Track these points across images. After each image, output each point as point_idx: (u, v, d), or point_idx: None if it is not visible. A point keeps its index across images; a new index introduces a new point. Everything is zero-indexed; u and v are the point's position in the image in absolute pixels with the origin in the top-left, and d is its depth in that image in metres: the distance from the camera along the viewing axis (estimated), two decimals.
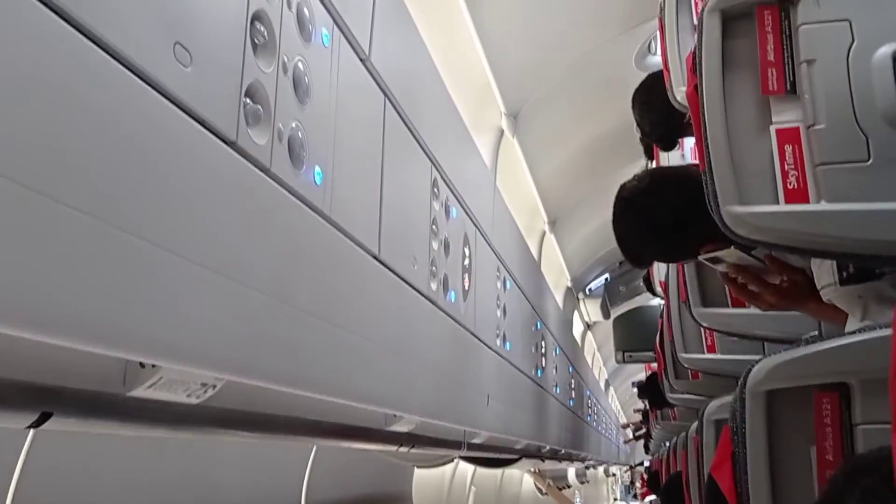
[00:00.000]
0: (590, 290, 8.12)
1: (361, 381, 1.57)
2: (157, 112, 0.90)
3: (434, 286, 2.20)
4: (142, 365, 0.91)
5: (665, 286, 3.91)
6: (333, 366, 1.39)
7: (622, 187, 1.65)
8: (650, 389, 5.28)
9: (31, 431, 1.22)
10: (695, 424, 2.73)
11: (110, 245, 0.82)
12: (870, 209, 1.23)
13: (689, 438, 3.15)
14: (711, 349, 3.33)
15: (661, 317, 4.24)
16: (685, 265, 2.70)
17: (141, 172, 0.87)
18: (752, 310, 2.61)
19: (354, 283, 1.54)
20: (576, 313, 8.44)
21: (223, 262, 1.04)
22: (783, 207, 1.30)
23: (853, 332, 1.26)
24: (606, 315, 8.58)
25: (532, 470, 4.79)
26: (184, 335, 0.94)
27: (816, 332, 1.81)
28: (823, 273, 1.48)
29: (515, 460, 4.16)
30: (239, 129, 1.05)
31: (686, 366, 3.56)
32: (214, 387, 1.04)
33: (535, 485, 4.29)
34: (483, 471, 6.17)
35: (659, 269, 4.56)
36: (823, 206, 1.27)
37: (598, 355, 11.57)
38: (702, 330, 3.45)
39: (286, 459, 2.68)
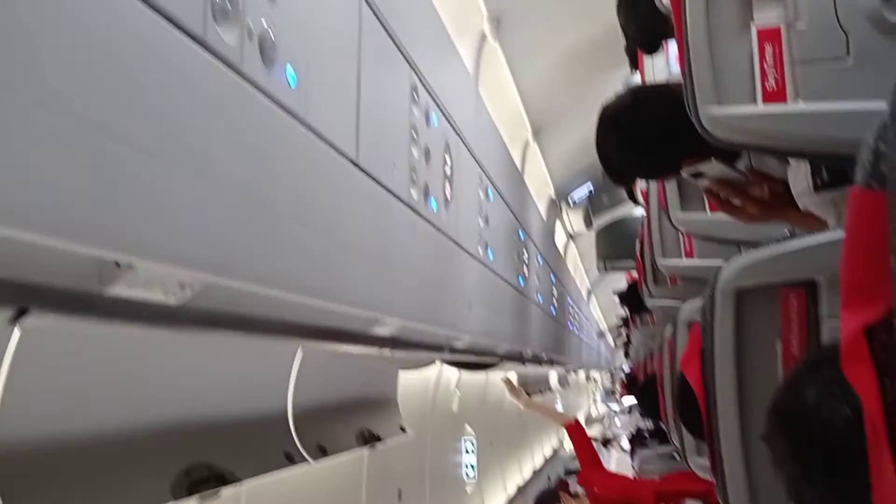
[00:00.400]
0: (573, 200, 8.15)
1: (342, 284, 1.59)
2: (124, 7, 0.88)
3: (414, 193, 2.20)
4: (117, 264, 0.92)
5: (646, 194, 3.94)
6: (313, 268, 1.41)
7: (605, 107, 1.65)
8: (630, 297, 5.40)
9: (17, 331, 1.24)
10: (670, 327, 2.81)
11: (82, 144, 0.81)
12: (847, 109, 1.24)
13: (664, 341, 3.25)
14: (689, 255, 3.39)
15: (642, 225, 4.29)
16: None
17: (111, 71, 0.86)
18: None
19: (332, 186, 1.54)
20: (559, 224, 8.50)
21: (197, 164, 1.03)
22: (760, 108, 1.31)
23: (822, 232, 1.29)
24: (589, 225, 8.65)
25: (507, 383, 4.84)
26: (158, 235, 0.94)
27: (788, 233, 1.84)
28: (799, 180, 1.50)
29: (497, 363, 4.27)
30: (206, 23, 1.02)
31: (664, 271, 3.63)
32: (193, 287, 1.05)
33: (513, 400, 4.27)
34: (467, 376, 6.35)
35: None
36: (800, 105, 1.27)
37: (580, 265, 11.74)
38: (680, 236, 3.50)
39: (272, 364, 2.74)
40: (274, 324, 1.47)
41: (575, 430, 3.93)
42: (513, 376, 5.15)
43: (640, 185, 4.59)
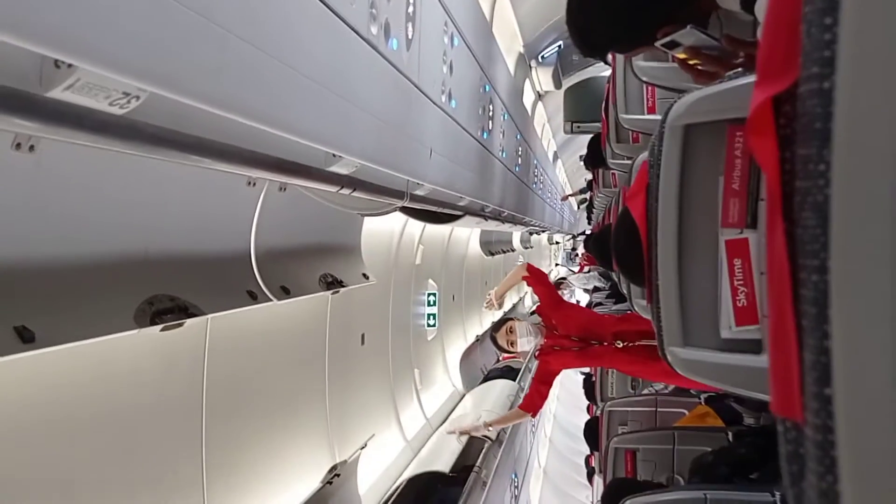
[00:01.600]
0: (543, 57, 7.96)
1: (295, 115, 1.58)
2: None
3: (374, 30, 2.14)
4: (56, 65, 0.90)
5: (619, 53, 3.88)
6: (263, 93, 1.40)
7: None
8: (592, 149, 5.42)
9: None
10: (626, 180, 2.87)
11: None
12: None
13: (619, 194, 3.33)
14: (652, 111, 3.41)
15: (608, 83, 4.25)
16: None
17: None
18: None
19: (285, 11, 1.49)
20: (527, 82, 8.36)
21: None
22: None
23: None
24: (558, 85, 8.52)
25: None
26: (100, 37, 0.92)
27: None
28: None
29: (460, 216, 4.34)
30: None
31: (626, 126, 3.65)
32: (138, 98, 1.04)
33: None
34: (431, 231, 6.47)
35: None
36: None
37: (547, 127, 11.67)
38: (644, 91, 3.50)
39: (235, 203, 2.76)
40: (225, 148, 1.46)
41: (531, 273, 3.96)
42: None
43: None
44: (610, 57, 4.32)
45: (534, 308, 4.24)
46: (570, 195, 13.71)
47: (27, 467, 2.08)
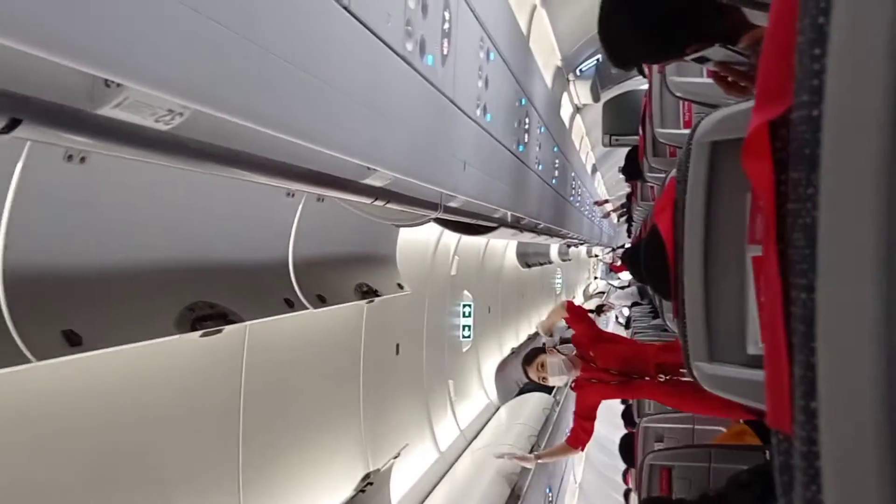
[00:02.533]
0: (581, 70, 7.96)
1: (331, 129, 1.63)
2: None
3: (409, 46, 2.19)
4: (107, 84, 0.96)
5: (649, 65, 3.89)
6: (301, 109, 1.45)
7: None
8: (629, 161, 5.41)
9: (24, 155, 1.31)
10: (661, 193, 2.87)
11: None
12: None
13: (653, 208, 3.32)
14: (688, 125, 3.40)
15: (645, 97, 4.25)
16: None
17: None
18: None
19: (323, 30, 1.55)
20: (565, 95, 8.36)
21: None
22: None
23: None
24: (596, 98, 8.51)
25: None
26: (149, 58, 0.98)
27: None
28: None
29: (494, 228, 4.37)
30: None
31: (662, 140, 3.65)
32: (181, 114, 1.10)
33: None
34: (467, 242, 6.50)
35: None
36: None
37: (586, 139, 11.64)
38: (680, 106, 3.49)
39: (274, 214, 2.84)
40: (265, 161, 1.52)
41: (570, 311, 3.89)
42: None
43: None
44: (647, 70, 4.32)
45: (570, 336, 4.09)
46: (604, 201, 13.59)
47: (72, 464, 2.16)
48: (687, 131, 3.66)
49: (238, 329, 2.77)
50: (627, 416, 6.56)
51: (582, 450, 3.99)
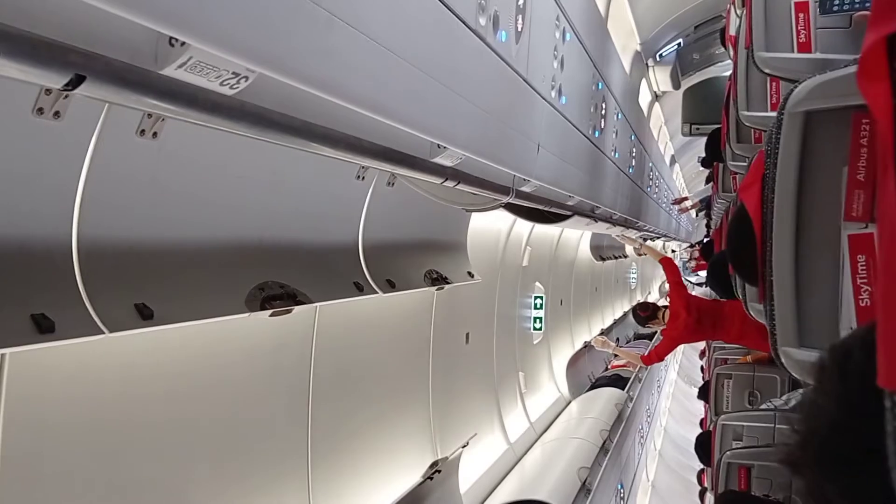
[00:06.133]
0: (661, 56, 7.70)
1: (399, 102, 1.59)
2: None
3: (483, 21, 2.13)
4: (171, 43, 0.95)
5: (735, 40, 3.70)
6: (368, 79, 1.41)
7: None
8: (711, 144, 5.20)
9: (98, 129, 1.33)
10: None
11: None
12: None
13: (738, 197, 3.16)
14: (775, 107, 3.21)
15: (729, 80, 4.05)
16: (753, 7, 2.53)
17: None
18: (817, 54, 2.47)
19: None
20: (643, 81, 8.11)
21: None
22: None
23: None
24: (676, 85, 8.21)
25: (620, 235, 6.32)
26: (212, 17, 0.96)
27: None
28: None
29: (568, 216, 4.26)
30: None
31: (747, 124, 3.46)
32: (247, 79, 1.08)
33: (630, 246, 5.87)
34: (539, 232, 6.40)
35: (732, 23, 4.28)
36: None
37: (664, 129, 11.29)
38: (767, 86, 3.31)
39: (344, 197, 2.83)
40: (331, 133, 1.50)
41: (666, 262, 5.01)
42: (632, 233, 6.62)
43: (730, 30, 4.29)
44: (732, 51, 4.13)
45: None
46: (683, 198, 13.11)
47: (148, 427, 2.21)
48: (774, 114, 3.49)
49: (308, 310, 2.78)
50: (704, 447, 6.30)
51: (647, 366, 5.50)
